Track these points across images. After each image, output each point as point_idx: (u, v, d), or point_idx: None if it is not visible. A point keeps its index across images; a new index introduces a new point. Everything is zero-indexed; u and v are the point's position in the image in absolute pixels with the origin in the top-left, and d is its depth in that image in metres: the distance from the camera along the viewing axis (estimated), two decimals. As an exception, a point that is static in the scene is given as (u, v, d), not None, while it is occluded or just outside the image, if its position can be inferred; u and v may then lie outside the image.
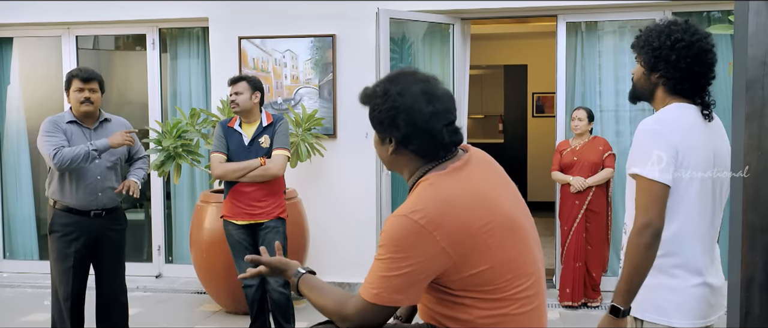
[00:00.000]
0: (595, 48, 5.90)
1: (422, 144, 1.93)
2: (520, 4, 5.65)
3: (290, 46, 5.91)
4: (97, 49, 7.18)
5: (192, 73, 6.55)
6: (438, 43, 6.16)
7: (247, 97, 4.26)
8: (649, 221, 2.16)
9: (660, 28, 2.31)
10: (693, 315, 2.27)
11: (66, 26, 6.55)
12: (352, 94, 5.83)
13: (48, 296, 5.96)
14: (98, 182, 4.07)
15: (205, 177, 6.46)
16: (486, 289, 1.87)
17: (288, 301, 4.30)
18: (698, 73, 2.29)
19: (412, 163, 1.98)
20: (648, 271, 2.18)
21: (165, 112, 6.57)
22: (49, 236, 4.08)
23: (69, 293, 4.03)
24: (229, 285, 5.30)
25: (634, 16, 5.72)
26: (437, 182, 1.90)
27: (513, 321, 1.90)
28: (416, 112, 1.90)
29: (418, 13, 5.71)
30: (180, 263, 6.59)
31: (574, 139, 5.59)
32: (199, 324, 5.22)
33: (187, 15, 6.16)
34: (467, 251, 1.84)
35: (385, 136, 1.97)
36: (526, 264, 1.92)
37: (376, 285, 1.88)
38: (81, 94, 4.03)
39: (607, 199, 5.55)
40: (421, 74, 1.99)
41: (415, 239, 1.82)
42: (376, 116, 1.96)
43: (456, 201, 1.86)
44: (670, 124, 2.26)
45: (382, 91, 1.94)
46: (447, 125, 1.93)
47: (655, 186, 2.18)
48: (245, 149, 4.28)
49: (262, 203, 4.28)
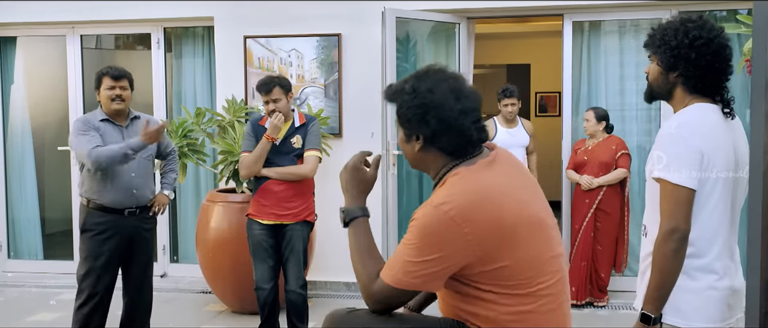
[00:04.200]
0: (601, 47, 5.89)
1: (451, 141, 1.94)
2: (526, 4, 5.64)
3: (296, 46, 5.90)
4: (100, 49, 7.17)
5: (196, 73, 6.54)
6: (443, 43, 6.15)
7: (285, 102, 4.22)
8: (676, 226, 2.15)
9: (675, 25, 2.28)
10: (713, 317, 2.25)
11: (70, 25, 6.54)
12: (358, 93, 5.83)
13: (53, 295, 6.02)
14: (133, 180, 4.08)
15: (210, 176, 6.45)
16: (509, 283, 1.87)
17: (304, 302, 4.30)
18: (718, 70, 2.26)
19: (439, 160, 1.98)
20: (677, 276, 2.16)
21: (170, 111, 6.56)
22: (82, 234, 4.10)
23: (97, 291, 4.03)
24: (235, 285, 5.30)
25: (640, 15, 5.71)
26: (467, 175, 1.91)
27: (537, 319, 1.90)
28: (446, 110, 1.91)
29: (424, 13, 5.70)
30: (185, 262, 6.58)
31: (589, 139, 5.59)
32: (206, 324, 5.22)
33: (192, 14, 6.15)
34: (493, 245, 1.84)
35: (413, 133, 1.97)
36: (549, 262, 1.93)
37: (398, 269, 1.90)
38: (112, 92, 4.06)
39: (624, 199, 5.51)
40: (448, 72, 1.99)
41: (444, 230, 1.83)
42: (404, 113, 1.96)
43: (486, 195, 1.87)
44: (693, 126, 2.22)
45: (411, 88, 1.94)
46: (474, 122, 1.94)
47: (680, 191, 2.16)
48: (276, 148, 4.24)
49: (291, 203, 4.23)
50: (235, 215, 5.26)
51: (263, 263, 4.28)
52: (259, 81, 4.31)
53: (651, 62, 2.39)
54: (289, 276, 4.26)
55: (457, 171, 1.93)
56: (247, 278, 5.15)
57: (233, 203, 5.30)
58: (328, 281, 5.88)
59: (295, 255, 4.24)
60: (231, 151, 5.22)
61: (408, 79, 1.99)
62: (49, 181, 7.29)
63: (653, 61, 2.37)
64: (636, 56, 5.80)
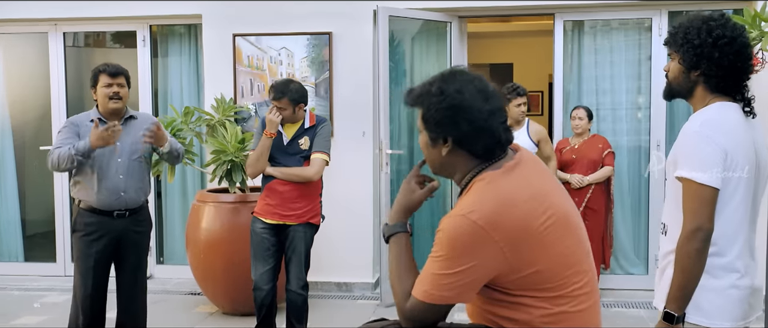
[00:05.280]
0: (592, 46, 5.92)
1: (481, 143, 1.90)
2: (518, 3, 5.65)
3: (286, 44, 5.84)
4: (78, 47, 7.03)
5: (182, 72, 6.45)
6: (434, 42, 6.14)
7: (291, 112, 4.14)
8: (699, 225, 2.15)
9: (698, 24, 2.27)
10: (735, 316, 2.26)
11: (53, 22, 6.41)
12: (349, 92, 5.79)
13: (36, 298, 5.89)
14: (121, 182, 3.99)
15: (197, 177, 6.37)
16: (545, 287, 1.85)
17: (305, 302, 4.25)
18: (739, 69, 2.26)
19: (467, 163, 1.95)
20: (700, 275, 2.16)
21: (155, 110, 6.45)
22: (72, 235, 4.08)
23: (88, 293, 3.97)
24: (227, 286, 5.23)
25: (630, 15, 5.75)
26: (494, 180, 1.88)
27: (571, 319, 1.88)
28: (476, 111, 1.87)
29: (416, 12, 5.68)
30: (171, 263, 6.49)
31: (574, 138, 5.62)
32: (198, 325, 5.14)
33: (179, 12, 6.06)
34: (525, 250, 1.82)
35: (440, 136, 1.93)
36: (580, 261, 1.91)
37: (428, 282, 1.86)
38: (110, 90, 3.96)
39: (609, 196, 5.58)
40: (471, 73, 1.96)
41: (472, 239, 1.80)
42: (432, 116, 1.91)
43: (515, 199, 1.83)
44: (716, 125, 2.22)
45: (438, 90, 1.90)
46: (502, 123, 1.91)
47: (704, 190, 2.16)
48: (283, 148, 4.18)
49: (295, 204, 4.17)
50: (226, 215, 5.19)
51: (264, 264, 4.22)
52: (273, 82, 4.26)
53: (671, 60, 2.37)
54: (291, 276, 4.22)
55: (483, 176, 1.90)
56: (239, 279, 5.10)
57: (225, 203, 5.23)
58: (320, 281, 5.82)
59: (297, 256, 4.19)
60: (223, 150, 5.15)
61: (432, 81, 1.94)
62: (29, 181, 7.14)
63: (674, 59, 2.35)
64: (625, 55, 5.84)
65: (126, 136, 3.99)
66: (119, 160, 3.97)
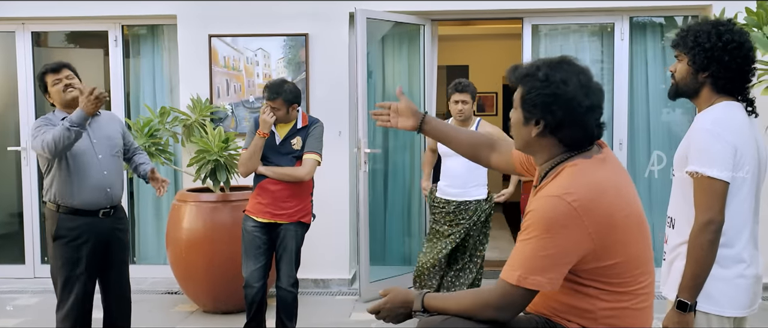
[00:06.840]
0: (557, 49, 6.16)
1: (573, 134, 1.95)
2: (488, 6, 5.85)
3: (262, 45, 5.91)
4: (46, 47, 6.92)
5: (155, 72, 6.43)
6: (406, 44, 6.29)
7: (284, 113, 4.19)
8: (711, 218, 2.30)
9: (707, 28, 2.42)
10: (743, 304, 2.42)
11: (20, 22, 6.31)
12: (325, 92, 5.90)
13: (9, 301, 5.79)
14: (106, 177, 3.91)
15: (172, 176, 6.36)
16: (614, 281, 1.92)
17: (295, 300, 4.33)
18: (745, 72, 2.44)
19: (554, 149, 2.00)
20: (712, 266, 2.32)
21: (127, 111, 6.43)
22: (54, 242, 3.85)
23: (80, 299, 3.86)
24: (208, 285, 5.27)
25: (595, 19, 6.02)
26: (586, 167, 1.93)
27: (632, 316, 1.97)
28: (575, 104, 1.91)
29: (392, 14, 5.83)
30: (145, 263, 6.47)
31: None
32: (179, 324, 5.17)
33: (153, 12, 6.05)
34: (608, 240, 1.88)
35: (533, 118, 1.96)
36: (647, 262, 2.00)
37: (519, 266, 1.89)
38: (60, 84, 3.85)
39: None
40: (579, 65, 1.99)
41: (566, 220, 1.84)
42: (531, 98, 1.94)
43: (605, 189, 1.91)
44: (726, 123, 2.38)
45: (544, 75, 1.93)
46: (597, 119, 1.97)
47: (717, 184, 2.31)
48: (275, 148, 4.25)
49: (286, 204, 4.24)
50: (208, 215, 5.24)
51: (255, 262, 4.29)
52: (267, 83, 4.30)
53: (678, 61, 2.53)
54: (281, 274, 4.30)
55: (576, 162, 1.95)
56: (221, 278, 5.16)
57: (206, 202, 5.27)
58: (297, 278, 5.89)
59: (288, 254, 4.28)
60: (207, 150, 5.19)
61: (539, 65, 1.97)
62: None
63: (681, 60, 2.50)
64: (589, 56, 6.09)
65: (98, 132, 3.93)
66: (100, 156, 3.89)
